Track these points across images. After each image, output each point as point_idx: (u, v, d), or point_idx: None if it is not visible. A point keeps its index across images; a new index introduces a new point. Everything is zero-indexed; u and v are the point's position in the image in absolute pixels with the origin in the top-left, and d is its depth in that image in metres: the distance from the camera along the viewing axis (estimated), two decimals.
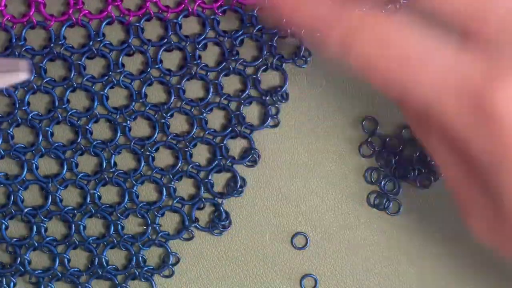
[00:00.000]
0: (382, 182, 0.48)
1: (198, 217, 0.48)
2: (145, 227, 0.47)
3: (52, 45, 0.46)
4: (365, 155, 0.49)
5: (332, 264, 0.48)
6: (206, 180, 0.47)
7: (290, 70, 0.47)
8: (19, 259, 0.47)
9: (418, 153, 0.48)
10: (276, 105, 0.47)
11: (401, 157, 0.49)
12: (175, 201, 0.47)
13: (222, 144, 0.47)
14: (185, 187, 0.48)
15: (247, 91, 0.47)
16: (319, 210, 0.48)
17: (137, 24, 0.46)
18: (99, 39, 0.46)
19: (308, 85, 0.48)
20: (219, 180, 0.48)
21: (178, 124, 0.47)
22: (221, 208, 0.47)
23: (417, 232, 0.49)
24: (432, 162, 0.48)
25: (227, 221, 0.48)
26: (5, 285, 0.47)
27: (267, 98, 0.47)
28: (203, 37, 0.46)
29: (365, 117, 0.48)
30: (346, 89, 0.48)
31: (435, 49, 0.31)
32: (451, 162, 0.34)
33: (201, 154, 0.48)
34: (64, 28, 0.46)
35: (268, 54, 0.47)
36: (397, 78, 0.32)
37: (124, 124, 0.47)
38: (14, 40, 0.46)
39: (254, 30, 0.47)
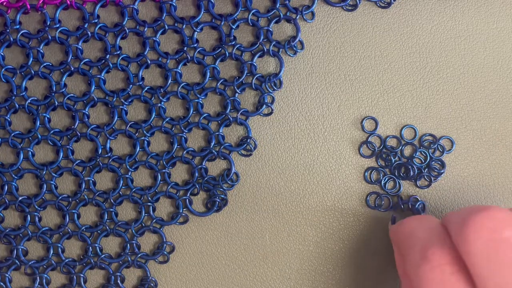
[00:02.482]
0: (382, 182, 0.48)
1: (193, 206, 0.48)
2: (139, 213, 0.47)
3: (47, 28, 0.46)
4: (365, 155, 0.49)
5: (332, 264, 0.48)
6: (200, 166, 0.47)
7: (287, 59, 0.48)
8: (14, 251, 0.46)
9: (418, 153, 0.49)
10: (270, 93, 0.47)
11: (401, 157, 0.49)
12: (169, 187, 0.47)
13: (218, 133, 0.47)
14: (179, 173, 0.48)
15: (243, 77, 0.47)
16: (319, 210, 0.48)
17: (132, 6, 0.46)
18: (94, 21, 0.46)
19: (304, 76, 0.48)
20: (214, 167, 0.48)
21: (173, 108, 0.47)
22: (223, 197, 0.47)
23: None
24: (433, 162, 0.49)
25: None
26: (1, 283, 0.47)
27: (262, 85, 0.47)
28: (197, 19, 0.47)
29: (365, 117, 0.49)
30: (346, 89, 0.48)
31: None
32: None
33: (197, 139, 0.48)
34: (58, 11, 0.46)
35: (265, 40, 0.47)
36: None
37: (120, 107, 0.46)
38: (9, 24, 0.46)
39: (250, 15, 0.47)
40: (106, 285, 0.47)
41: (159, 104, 0.47)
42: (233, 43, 0.47)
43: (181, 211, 0.47)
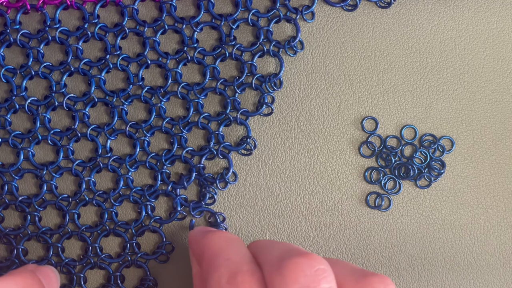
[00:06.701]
0: (383, 182, 0.48)
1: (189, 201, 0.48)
2: (139, 213, 0.47)
3: (47, 28, 0.46)
4: (365, 155, 0.49)
5: None
6: (198, 165, 0.47)
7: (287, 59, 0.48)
8: (14, 251, 0.46)
9: (418, 153, 0.49)
10: (270, 93, 0.47)
11: (401, 157, 0.49)
12: (169, 186, 0.47)
13: (218, 132, 0.47)
14: (178, 171, 0.48)
15: (243, 77, 0.47)
16: (319, 210, 0.48)
17: (132, 6, 0.47)
18: (94, 21, 0.46)
19: (303, 76, 0.48)
20: (214, 166, 0.48)
21: (173, 108, 0.47)
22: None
23: (417, 232, 0.49)
24: (433, 162, 0.49)
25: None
26: None
27: (262, 85, 0.47)
28: (197, 19, 0.47)
29: (365, 117, 0.49)
30: (346, 89, 0.48)
31: None
32: None
33: (197, 139, 0.48)
34: (58, 11, 0.46)
35: (265, 40, 0.47)
36: None
37: (120, 107, 0.46)
38: (9, 24, 0.46)
39: (250, 15, 0.47)
40: (106, 285, 0.47)
41: (159, 104, 0.47)
42: (233, 43, 0.47)
43: (179, 209, 0.47)
